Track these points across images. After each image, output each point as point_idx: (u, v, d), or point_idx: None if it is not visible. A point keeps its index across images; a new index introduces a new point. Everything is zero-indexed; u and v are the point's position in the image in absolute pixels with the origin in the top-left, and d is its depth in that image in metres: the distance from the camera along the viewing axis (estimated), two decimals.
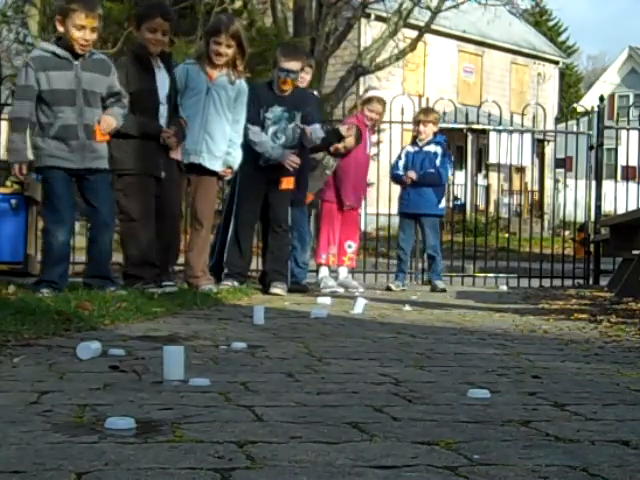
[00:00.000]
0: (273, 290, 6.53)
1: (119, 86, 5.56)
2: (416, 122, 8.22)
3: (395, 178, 8.24)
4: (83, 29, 5.32)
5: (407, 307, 5.81)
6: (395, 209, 9.87)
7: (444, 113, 9.71)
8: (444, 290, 7.90)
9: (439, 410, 2.28)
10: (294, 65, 6.64)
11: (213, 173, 6.33)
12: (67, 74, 5.35)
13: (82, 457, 1.70)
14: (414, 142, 8.24)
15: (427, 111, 8.39)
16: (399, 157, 8.28)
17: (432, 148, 8.07)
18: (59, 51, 5.36)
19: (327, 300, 6.03)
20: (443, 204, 8.30)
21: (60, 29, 5.37)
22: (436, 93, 21.33)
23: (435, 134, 8.15)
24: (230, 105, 6.30)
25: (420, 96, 10.51)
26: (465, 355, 3.48)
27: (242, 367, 2.97)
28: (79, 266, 7.83)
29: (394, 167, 8.25)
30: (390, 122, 9.41)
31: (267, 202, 6.74)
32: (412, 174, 7.98)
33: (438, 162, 8.03)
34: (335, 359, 3.23)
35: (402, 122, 9.42)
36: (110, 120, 5.42)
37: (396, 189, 9.14)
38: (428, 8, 20.16)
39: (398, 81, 25.88)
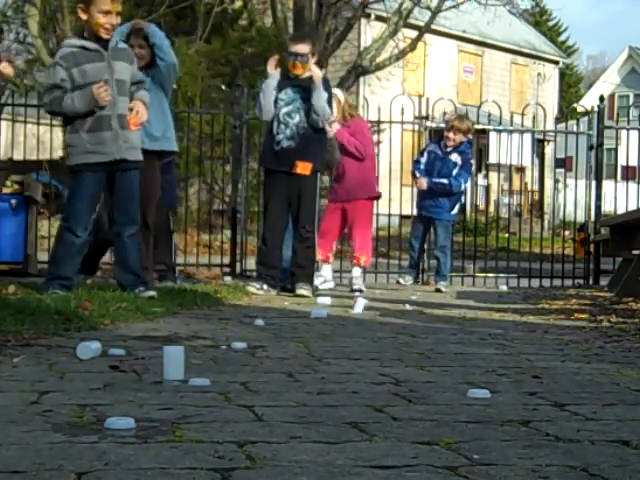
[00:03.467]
0: (299, 291, 6.50)
1: (141, 75, 5.60)
2: (448, 128, 8.20)
3: (413, 171, 8.35)
4: (109, 14, 5.28)
5: (407, 307, 5.81)
6: (395, 209, 9.90)
7: (444, 113, 9.72)
8: (439, 290, 7.88)
9: (439, 410, 2.28)
10: (301, 48, 6.61)
11: (154, 158, 6.07)
12: (99, 65, 5.31)
13: (82, 457, 1.69)
14: (439, 144, 8.24)
15: (461, 118, 8.35)
16: (421, 154, 8.38)
17: (454, 157, 8.10)
18: (88, 44, 5.33)
19: (327, 300, 6.03)
20: (456, 210, 8.35)
21: (83, 17, 5.34)
22: (436, 93, 21.33)
23: (462, 143, 8.16)
24: (155, 85, 6.12)
25: (420, 96, 10.51)
26: (465, 355, 3.48)
27: (242, 367, 2.97)
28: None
29: (416, 164, 8.35)
30: (390, 122, 9.41)
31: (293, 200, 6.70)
32: (423, 183, 8.07)
33: (455, 172, 8.06)
34: (335, 359, 3.23)
35: (402, 122, 9.41)
36: (143, 108, 5.38)
37: (396, 189, 9.16)
38: (428, 8, 20.16)
39: (398, 81, 25.88)
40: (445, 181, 8.02)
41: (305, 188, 6.66)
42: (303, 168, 6.59)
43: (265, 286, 6.57)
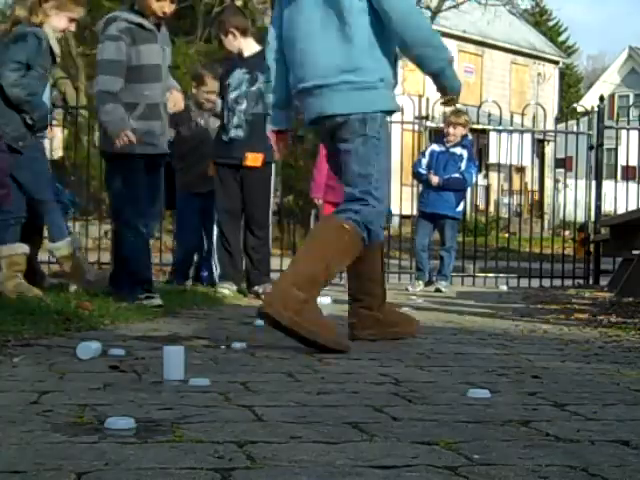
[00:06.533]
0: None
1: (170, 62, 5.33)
2: (447, 123, 8.15)
3: (417, 176, 8.23)
4: (162, 0, 4.94)
5: (407, 307, 5.80)
6: (394, 209, 9.88)
7: (444, 113, 9.72)
8: (439, 290, 7.86)
9: (439, 410, 2.28)
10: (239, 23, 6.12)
11: None
12: (154, 47, 4.99)
13: (82, 457, 1.69)
14: (439, 142, 8.19)
15: (458, 113, 8.25)
16: (423, 155, 8.26)
17: (458, 150, 8.01)
18: (146, 23, 4.96)
19: (327, 300, 6.02)
20: (461, 207, 8.26)
21: None
22: (436, 93, 21.32)
23: (463, 137, 8.12)
24: None
25: (420, 96, 10.50)
26: (465, 355, 3.47)
27: (242, 367, 2.97)
28: None
29: (416, 164, 8.23)
30: (390, 122, 9.39)
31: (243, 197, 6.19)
32: (435, 179, 7.91)
33: (463, 166, 7.96)
34: (335, 359, 3.23)
35: (402, 122, 9.41)
36: (180, 96, 5.18)
37: (395, 189, 9.11)
38: (428, 8, 20.18)
39: (398, 81, 25.86)
40: (458, 175, 7.94)
41: (257, 182, 6.14)
42: (253, 160, 6.06)
43: (234, 287, 6.19)
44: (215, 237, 6.28)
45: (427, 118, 9.92)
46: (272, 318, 3.37)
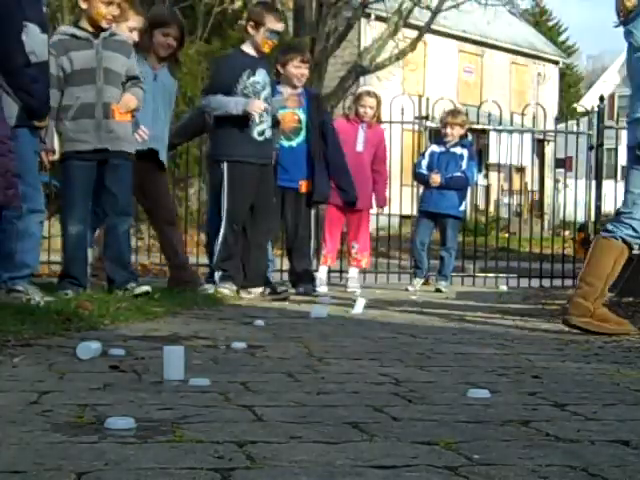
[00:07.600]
0: (279, 294, 6.11)
1: (137, 71, 5.54)
2: (443, 124, 8.15)
3: (419, 177, 8.21)
4: (111, 5, 5.29)
5: (407, 307, 5.80)
6: (394, 209, 9.88)
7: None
8: (439, 290, 7.85)
9: (439, 410, 2.28)
10: (282, 27, 6.36)
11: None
12: (87, 53, 5.31)
13: (82, 457, 1.69)
14: (439, 142, 8.18)
15: (454, 113, 8.24)
16: (422, 156, 8.23)
17: (459, 150, 7.99)
18: (78, 32, 5.34)
19: (327, 300, 6.02)
20: (463, 206, 8.26)
21: (83, 6, 5.32)
22: (436, 93, 21.34)
23: (462, 137, 8.10)
24: (167, 98, 6.20)
25: (420, 96, 10.50)
26: (465, 355, 3.48)
27: (242, 367, 2.97)
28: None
29: (417, 166, 8.22)
30: (390, 122, 9.40)
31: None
32: (437, 178, 7.89)
33: (464, 165, 7.95)
34: (335, 359, 3.23)
35: (402, 122, 9.41)
36: (129, 99, 5.36)
37: (396, 189, 9.13)
38: (428, 8, 20.16)
39: (398, 81, 25.87)
40: (460, 174, 7.93)
41: (272, 181, 6.25)
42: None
43: (234, 287, 6.13)
44: (220, 237, 6.19)
45: (427, 118, 9.91)
46: (575, 325, 4.39)
